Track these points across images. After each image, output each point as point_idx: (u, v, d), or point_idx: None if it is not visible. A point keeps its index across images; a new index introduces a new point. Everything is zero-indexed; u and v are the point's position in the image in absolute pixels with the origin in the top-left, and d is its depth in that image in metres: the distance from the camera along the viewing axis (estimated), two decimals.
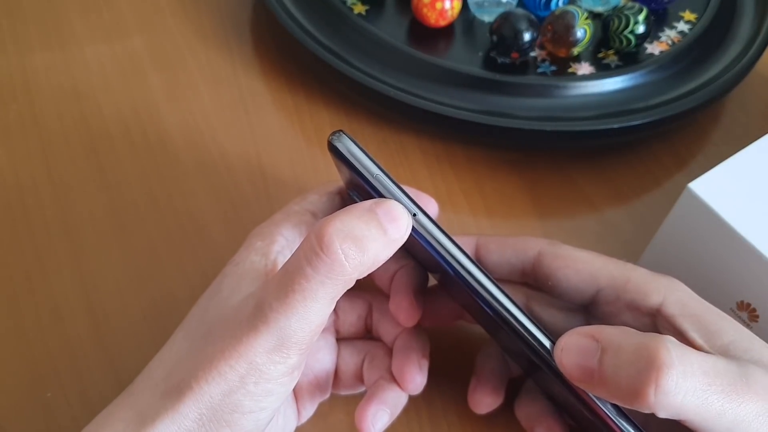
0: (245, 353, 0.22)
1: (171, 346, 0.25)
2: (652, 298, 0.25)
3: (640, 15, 0.40)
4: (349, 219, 0.21)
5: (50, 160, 0.38)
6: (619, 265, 0.27)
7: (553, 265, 0.27)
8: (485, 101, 0.38)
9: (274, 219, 0.28)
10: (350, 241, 0.21)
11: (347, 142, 0.23)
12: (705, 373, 0.21)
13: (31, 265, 0.34)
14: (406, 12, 0.43)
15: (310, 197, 0.29)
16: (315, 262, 0.21)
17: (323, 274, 0.21)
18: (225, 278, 0.26)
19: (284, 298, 0.21)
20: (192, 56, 0.43)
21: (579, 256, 0.27)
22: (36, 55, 0.42)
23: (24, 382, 0.30)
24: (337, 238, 0.21)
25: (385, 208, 0.22)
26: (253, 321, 0.22)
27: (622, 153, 0.40)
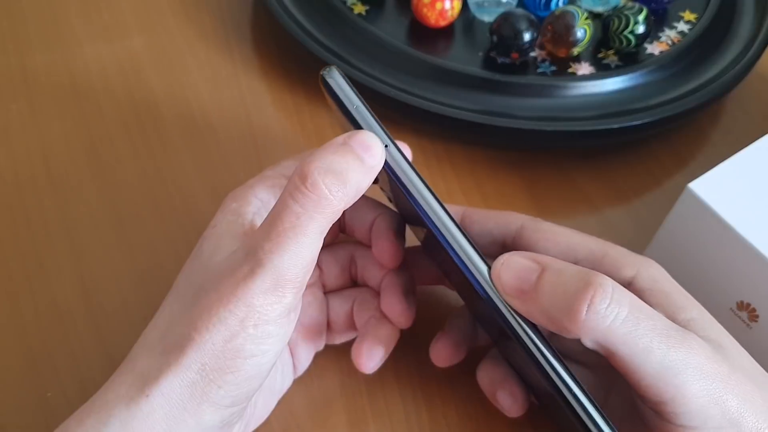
0: (243, 296, 0.22)
1: (162, 312, 0.25)
2: (625, 271, 0.26)
3: (640, 15, 0.40)
4: (327, 154, 0.23)
5: (50, 160, 0.38)
6: (599, 242, 0.28)
7: (533, 237, 0.28)
8: (485, 101, 0.38)
9: (249, 183, 0.28)
10: (332, 175, 0.22)
11: (337, 76, 0.25)
12: (639, 309, 0.22)
13: (31, 265, 0.34)
14: (406, 12, 0.43)
15: (284, 163, 0.29)
16: (302, 200, 0.22)
17: (311, 209, 0.22)
18: (204, 241, 0.26)
19: (276, 237, 0.22)
20: (192, 56, 0.43)
21: (559, 231, 0.28)
22: (36, 55, 0.42)
23: (24, 382, 0.30)
24: (319, 174, 0.22)
25: (358, 138, 0.24)
26: (248, 265, 0.23)
27: (622, 153, 0.40)
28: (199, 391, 0.22)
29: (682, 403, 0.22)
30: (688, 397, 0.22)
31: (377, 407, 0.30)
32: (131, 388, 0.23)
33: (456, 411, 0.30)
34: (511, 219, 0.29)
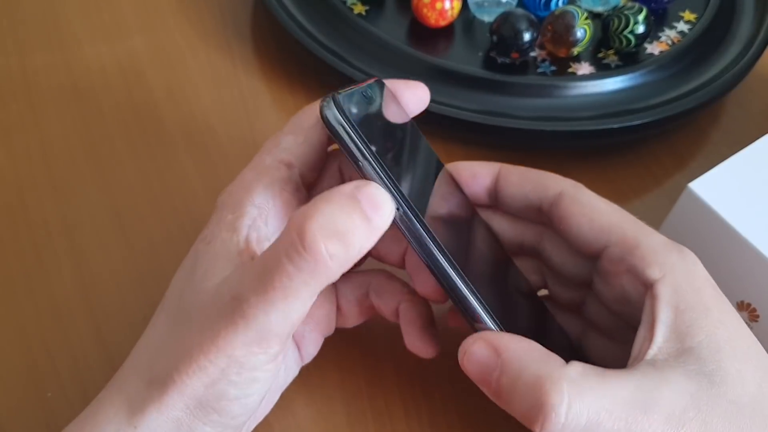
0: (224, 347, 0.21)
1: (153, 330, 0.24)
2: (651, 272, 0.24)
3: (639, 15, 0.40)
4: (331, 211, 0.21)
5: (50, 160, 0.38)
6: (636, 227, 0.26)
7: (570, 209, 0.26)
8: (485, 101, 0.38)
9: (244, 179, 0.26)
10: (335, 239, 0.20)
11: (335, 112, 0.22)
12: (597, 412, 0.21)
13: (31, 265, 0.34)
14: (406, 12, 0.43)
15: (284, 140, 0.26)
16: (297, 262, 0.20)
17: (306, 274, 0.20)
18: (198, 258, 0.24)
19: (263, 294, 0.21)
20: (192, 56, 0.43)
21: (598, 206, 0.26)
22: (36, 55, 0.42)
23: (24, 382, 0.30)
24: (320, 237, 0.20)
25: (368, 193, 0.21)
26: (231, 315, 0.21)
27: (622, 153, 0.40)
28: (185, 427, 0.22)
29: None
30: None
31: (377, 407, 0.30)
32: (119, 413, 0.22)
33: (456, 411, 0.30)
34: (551, 183, 0.27)
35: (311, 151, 0.26)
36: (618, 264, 0.25)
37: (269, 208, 0.25)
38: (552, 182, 0.27)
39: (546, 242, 0.29)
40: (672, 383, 0.22)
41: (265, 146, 0.27)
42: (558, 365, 0.22)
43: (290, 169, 0.26)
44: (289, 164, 0.26)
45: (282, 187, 0.25)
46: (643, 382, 0.22)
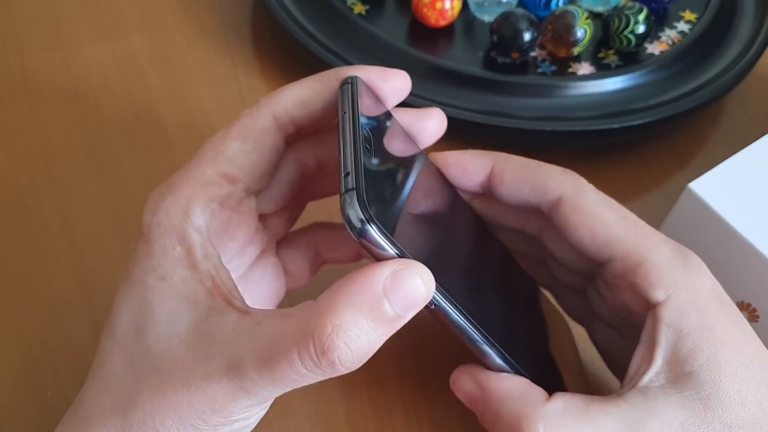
0: (221, 411, 0.20)
1: (111, 368, 0.22)
2: (655, 293, 0.23)
3: (640, 15, 0.40)
4: (357, 318, 0.19)
5: (50, 160, 0.38)
6: (641, 240, 0.24)
7: (570, 218, 0.25)
8: (485, 101, 0.38)
9: (181, 194, 0.22)
10: (356, 354, 0.19)
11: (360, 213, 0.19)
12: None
13: (31, 265, 0.34)
14: (406, 12, 0.43)
15: (230, 148, 0.23)
16: (312, 368, 0.19)
17: (318, 376, 0.19)
18: (153, 295, 0.21)
19: (270, 378, 0.20)
20: (192, 56, 0.43)
21: (600, 216, 0.25)
22: (36, 55, 0.42)
23: (24, 382, 0.30)
24: (341, 351, 0.19)
25: (402, 292, 0.19)
26: (229, 386, 0.20)
27: (622, 153, 0.40)
28: None
29: None
30: None
31: (377, 407, 0.30)
32: None
33: (456, 411, 0.30)
34: (550, 184, 0.26)
35: (260, 161, 0.24)
36: (620, 279, 0.25)
37: (209, 230, 0.23)
38: (551, 183, 0.26)
39: (547, 236, 0.28)
40: (661, 414, 0.22)
41: (207, 150, 0.24)
42: (538, 403, 0.22)
43: (233, 184, 0.24)
44: (233, 179, 0.24)
45: (222, 203, 0.23)
46: (630, 414, 0.22)
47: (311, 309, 0.19)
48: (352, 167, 0.20)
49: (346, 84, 0.24)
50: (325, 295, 0.20)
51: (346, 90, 0.23)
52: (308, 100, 0.25)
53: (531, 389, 0.23)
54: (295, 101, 0.25)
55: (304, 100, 0.25)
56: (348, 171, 0.20)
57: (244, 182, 0.24)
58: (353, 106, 0.23)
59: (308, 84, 0.25)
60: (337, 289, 0.19)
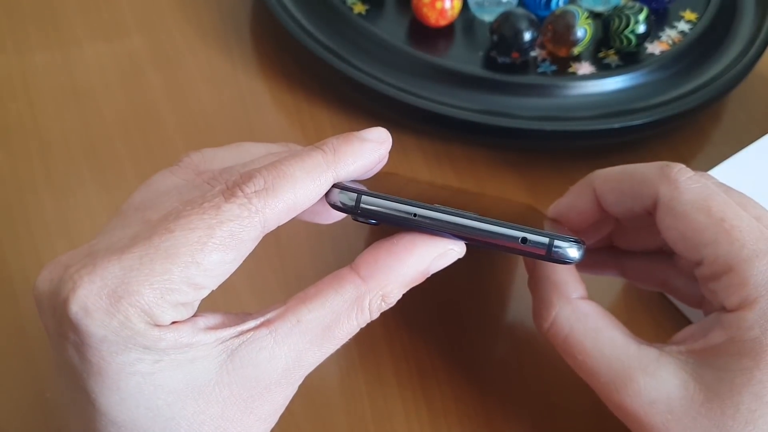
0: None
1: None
2: (735, 302, 0.23)
3: (640, 14, 0.40)
4: (403, 288, 0.22)
5: (50, 160, 0.38)
6: (733, 248, 0.23)
7: (664, 222, 0.25)
8: (485, 101, 0.38)
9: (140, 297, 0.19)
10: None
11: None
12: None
13: (30, 265, 0.34)
14: (406, 12, 0.43)
15: (208, 258, 0.20)
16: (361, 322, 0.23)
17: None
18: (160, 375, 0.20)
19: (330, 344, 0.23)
20: (192, 56, 0.43)
21: (693, 220, 0.24)
22: (36, 55, 0.42)
23: (24, 382, 0.30)
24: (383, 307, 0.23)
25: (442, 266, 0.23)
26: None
27: (622, 153, 0.40)
28: None
29: None
30: None
31: (377, 407, 0.30)
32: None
33: (456, 411, 0.30)
34: (645, 189, 0.26)
35: (234, 268, 0.21)
36: (705, 282, 0.24)
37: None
38: (646, 188, 0.26)
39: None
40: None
41: (181, 251, 0.20)
42: (571, 292, 0.27)
43: (198, 291, 0.20)
44: (201, 288, 0.20)
45: (185, 307, 0.21)
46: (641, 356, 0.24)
47: (357, 286, 0.22)
48: (516, 231, 0.22)
49: (359, 200, 0.22)
50: (371, 268, 0.22)
51: (373, 202, 0.22)
52: (302, 205, 0.22)
53: (570, 278, 0.26)
54: (290, 207, 0.21)
55: (298, 204, 0.21)
56: (523, 236, 0.22)
57: (210, 289, 0.21)
58: (409, 202, 0.22)
59: (303, 185, 0.21)
60: (386, 264, 0.22)
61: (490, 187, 0.38)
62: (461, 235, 0.22)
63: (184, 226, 0.20)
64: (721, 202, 0.24)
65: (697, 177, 0.25)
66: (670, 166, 0.26)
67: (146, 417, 0.20)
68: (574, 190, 0.29)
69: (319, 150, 0.22)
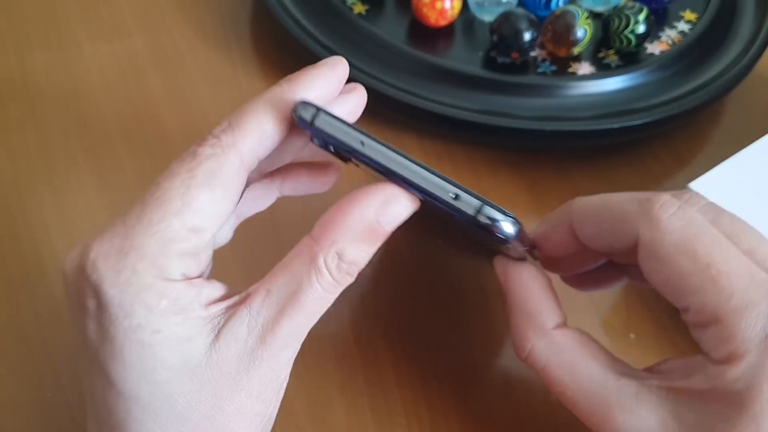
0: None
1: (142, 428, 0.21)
2: (722, 355, 0.21)
3: (640, 15, 0.40)
4: (356, 243, 0.22)
5: (50, 160, 0.38)
6: (721, 297, 0.21)
7: (646, 264, 0.23)
8: (485, 101, 0.38)
9: (146, 251, 0.21)
10: (358, 266, 0.22)
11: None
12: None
13: (30, 265, 0.34)
14: (406, 11, 0.43)
15: (196, 197, 0.22)
16: (329, 286, 0.22)
17: (334, 292, 0.23)
18: (157, 347, 0.21)
19: (296, 316, 0.22)
20: (192, 56, 0.43)
21: (677, 266, 0.22)
22: (36, 55, 0.42)
23: (24, 382, 0.30)
24: (347, 270, 0.22)
25: (392, 217, 0.23)
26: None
27: (622, 153, 0.40)
28: None
29: None
30: None
31: (377, 407, 0.30)
32: None
33: (456, 411, 0.30)
34: (625, 230, 0.23)
35: (228, 206, 0.22)
36: (691, 329, 0.23)
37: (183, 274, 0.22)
38: (627, 227, 0.23)
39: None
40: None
41: (172, 198, 0.21)
42: (544, 324, 0.25)
43: (200, 236, 0.22)
44: (201, 231, 0.22)
45: (192, 258, 0.22)
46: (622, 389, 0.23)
47: (311, 247, 0.22)
48: (452, 187, 0.22)
49: (316, 116, 0.22)
50: (321, 227, 0.22)
51: (329, 122, 0.22)
52: (270, 133, 0.23)
53: (543, 308, 0.25)
54: (260, 136, 0.23)
55: (266, 133, 0.23)
56: (455, 193, 0.22)
57: (211, 232, 0.22)
58: (362, 131, 0.23)
59: (266, 113, 0.23)
60: (333, 220, 0.22)
61: (490, 187, 0.38)
62: (402, 178, 0.22)
63: (167, 176, 0.22)
64: (708, 243, 0.22)
65: (681, 212, 0.23)
66: (651, 201, 0.23)
67: (147, 391, 0.21)
68: (550, 219, 0.27)
69: (276, 84, 0.24)
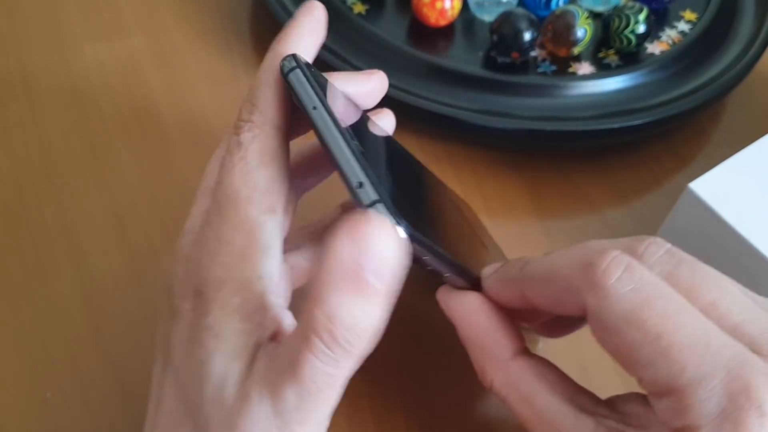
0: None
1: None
2: (677, 426, 0.20)
3: (640, 14, 0.40)
4: (345, 301, 0.18)
5: (50, 160, 0.38)
6: (674, 369, 0.20)
7: (597, 334, 0.22)
8: (485, 101, 0.38)
9: (234, 244, 0.22)
10: (363, 333, 0.19)
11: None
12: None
13: (30, 266, 0.34)
14: (406, 11, 0.43)
15: (261, 179, 0.22)
16: (332, 362, 0.19)
17: (343, 367, 0.20)
18: (204, 352, 0.21)
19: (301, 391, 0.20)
20: (192, 56, 0.43)
21: (627, 337, 0.20)
22: (36, 55, 0.42)
23: (23, 382, 0.30)
24: (346, 337, 0.19)
25: (374, 257, 0.18)
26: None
27: (622, 153, 0.40)
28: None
29: None
30: None
31: (377, 407, 0.30)
32: None
33: (456, 411, 0.30)
34: (574, 301, 0.22)
35: (286, 183, 0.23)
36: (648, 396, 0.22)
37: (272, 273, 0.22)
38: (573, 297, 0.22)
39: None
40: None
41: (239, 188, 0.22)
42: (499, 357, 0.25)
43: (274, 217, 0.22)
44: (274, 211, 0.22)
45: (280, 246, 0.23)
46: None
47: (306, 308, 0.19)
48: (363, 175, 0.20)
49: (292, 70, 0.22)
50: (310, 286, 0.19)
51: (298, 78, 0.22)
52: (281, 95, 0.24)
53: (497, 339, 0.25)
54: (279, 98, 0.23)
55: (279, 94, 0.23)
56: (361, 180, 0.20)
57: (281, 214, 0.23)
58: (320, 97, 0.21)
59: (275, 80, 0.23)
60: (318, 278, 0.18)
61: (490, 187, 0.38)
62: (328, 153, 0.21)
63: (227, 172, 0.23)
64: (659, 310, 0.20)
65: (628, 276, 0.21)
66: (594, 265, 0.21)
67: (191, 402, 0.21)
68: (501, 275, 0.25)
69: (269, 50, 0.24)
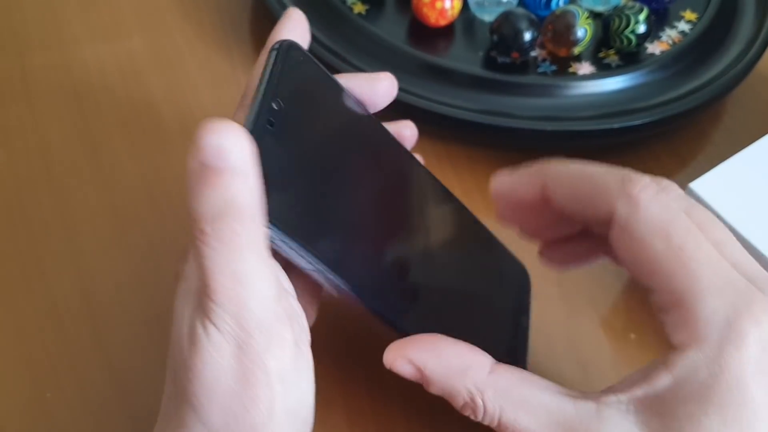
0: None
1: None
2: (682, 338, 0.21)
3: (640, 14, 0.40)
4: (197, 195, 0.20)
5: (50, 160, 0.38)
6: (689, 281, 0.21)
7: (619, 241, 0.22)
8: (485, 101, 0.38)
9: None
10: (217, 222, 0.19)
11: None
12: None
13: (30, 266, 0.34)
14: (406, 11, 0.43)
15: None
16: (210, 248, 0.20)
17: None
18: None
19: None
20: (192, 56, 0.43)
21: (649, 245, 0.21)
22: (36, 55, 0.42)
23: (23, 382, 0.30)
24: (207, 228, 0.20)
25: (207, 147, 0.19)
26: None
27: (622, 153, 0.40)
28: None
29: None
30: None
31: (377, 407, 0.30)
32: None
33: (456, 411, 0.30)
34: (602, 204, 0.23)
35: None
36: (656, 312, 0.23)
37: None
38: (603, 199, 0.23)
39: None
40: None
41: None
42: (481, 374, 0.24)
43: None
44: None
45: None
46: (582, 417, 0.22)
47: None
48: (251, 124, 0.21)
49: (272, 50, 0.23)
50: None
51: (270, 58, 0.23)
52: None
53: (471, 359, 0.24)
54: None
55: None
56: (249, 124, 0.21)
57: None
58: (269, 78, 0.23)
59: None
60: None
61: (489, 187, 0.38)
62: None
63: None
64: (683, 228, 0.22)
65: (659, 197, 0.22)
66: (633, 181, 0.23)
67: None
68: (520, 176, 0.26)
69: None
